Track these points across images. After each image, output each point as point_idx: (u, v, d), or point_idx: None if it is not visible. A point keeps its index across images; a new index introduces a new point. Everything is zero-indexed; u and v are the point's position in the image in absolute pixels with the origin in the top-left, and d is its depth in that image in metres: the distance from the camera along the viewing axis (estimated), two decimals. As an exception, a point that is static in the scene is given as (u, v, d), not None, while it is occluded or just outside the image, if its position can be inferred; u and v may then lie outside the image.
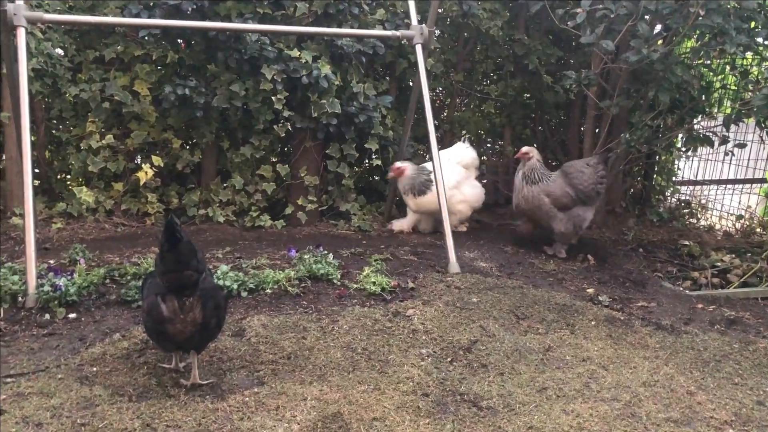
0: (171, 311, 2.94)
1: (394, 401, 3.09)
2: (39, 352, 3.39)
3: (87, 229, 5.56)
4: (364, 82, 6.08)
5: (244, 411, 2.95)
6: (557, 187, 5.40)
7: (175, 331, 2.98)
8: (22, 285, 3.86)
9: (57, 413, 2.85)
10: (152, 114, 5.79)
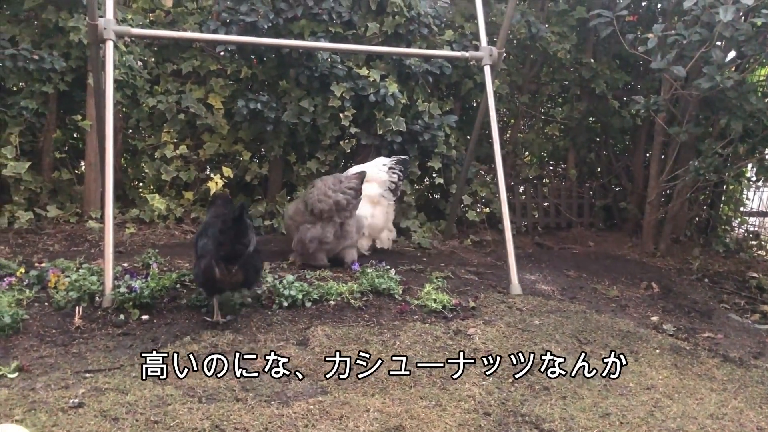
0: (222, 275, 3.77)
1: (456, 418, 3.11)
2: (114, 351, 3.54)
3: (158, 234, 5.77)
4: (430, 101, 6.16)
5: (308, 419, 3.01)
6: None
7: (222, 287, 3.87)
8: (99, 285, 4.04)
9: (132, 409, 2.97)
10: (224, 126, 6.00)
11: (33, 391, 3.06)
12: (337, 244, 5.00)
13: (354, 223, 5.03)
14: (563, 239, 6.89)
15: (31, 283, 4.16)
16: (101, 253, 4.72)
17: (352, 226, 5.01)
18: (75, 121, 5.77)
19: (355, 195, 4.94)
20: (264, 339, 3.75)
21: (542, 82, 7.24)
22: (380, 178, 5.44)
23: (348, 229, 4.99)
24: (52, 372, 3.26)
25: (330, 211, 4.88)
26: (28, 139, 5.79)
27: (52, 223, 5.66)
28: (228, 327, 3.87)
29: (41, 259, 4.74)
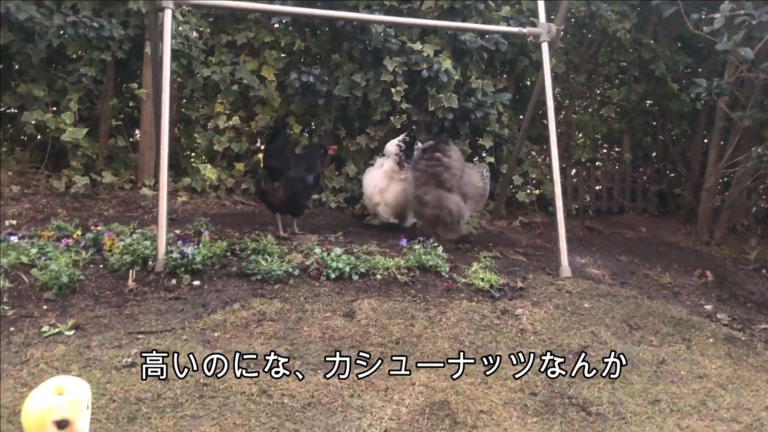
0: (266, 187, 4.89)
1: (502, 397, 3.09)
2: (166, 314, 3.61)
3: (209, 204, 5.85)
4: (484, 78, 6.07)
5: (354, 389, 3.03)
6: None
7: (268, 199, 4.95)
8: (152, 250, 4.12)
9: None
10: (276, 99, 6.02)
11: (88, 349, 3.15)
12: None
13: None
14: (614, 224, 6.74)
15: (87, 246, 4.26)
16: (154, 220, 4.81)
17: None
18: (131, 89, 5.86)
19: (422, 158, 4.96)
20: (311, 309, 3.78)
21: (600, 62, 7.05)
22: (391, 151, 5.41)
23: (418, 194, 5.00)
24: (106, 331, 3.35)
25: None
26: (86, 106, 5.92)
27: (107, 188, 5.79)
28: (276, 295, 3.91)
29: (96, 223, 4.86)
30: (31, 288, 3.70)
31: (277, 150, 4.90)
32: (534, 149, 6.87)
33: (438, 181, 4.92)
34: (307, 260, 4.32)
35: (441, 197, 4.93)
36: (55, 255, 3.95)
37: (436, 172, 4.91)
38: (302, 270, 4.23)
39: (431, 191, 4.94)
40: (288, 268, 4.16)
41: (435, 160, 4.90)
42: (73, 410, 1.79)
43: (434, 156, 4.90)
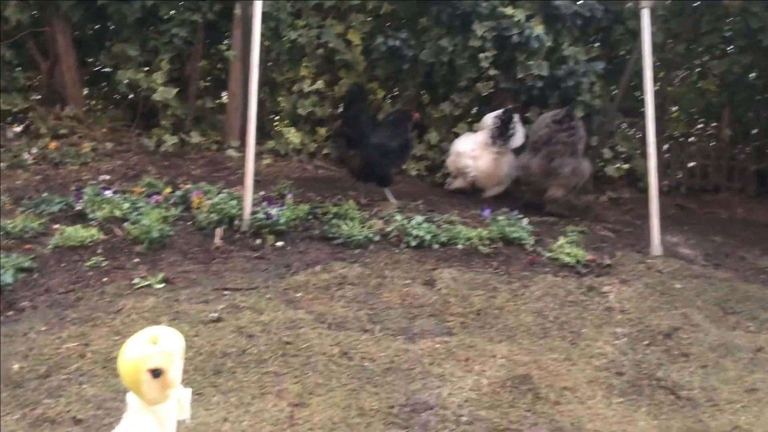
0: (343, 154, 5.06)
1: (586, 374, 2.99)
2: (250, 273, 3.67)
3: (291, 167, 5.91)
4: (576, 45, 5.82)
5: (434, 357, 3.00)
6: None
7: (350, 168, 5.02)
8: (238, 210, 4.18)
9: (266, 329, 3.07)
10: (361, 63, 5.98)
11: (177, 302, 3.23)
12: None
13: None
14: (708, 203, 6.41)
15: (176, 203, 4.38)
16: (239, 180, 4.88)
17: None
18: (220, 50, 5.94)
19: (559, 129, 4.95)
20: (391, 275, 3.76)
21: (702, 32, 6.64)
22: (487, 123, 5.46)
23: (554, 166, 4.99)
24: (193, 286, 3.44)
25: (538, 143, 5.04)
26: (177, 66, 6.05)
27: (195, 148, 5.92)
28: (357, 260, 3.91)
29: (185, 182, 4.98)
30: (124, 241, 3.83)
31: (353, 118, 4.92)
32: (626, 121, 6.58)
33: (573, 150, 4.96)
34: (387, 227, 4.30)
35: (577, 166, 5.02)
36: (146, 211, 4.07)
37: (574, 141, 4.95)
38: (383, 236, 4.21)
39: (568, 161, 4.98)
40: (369, 233, 4.15)
41: (573, 129, 4.92)
42: (166, 360, 1.82)
43: (572, 125, 4.93)
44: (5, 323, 2.97)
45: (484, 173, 5.52)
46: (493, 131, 5.36)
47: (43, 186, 4.65)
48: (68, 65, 5.82)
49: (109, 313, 3.10)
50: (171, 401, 1.93)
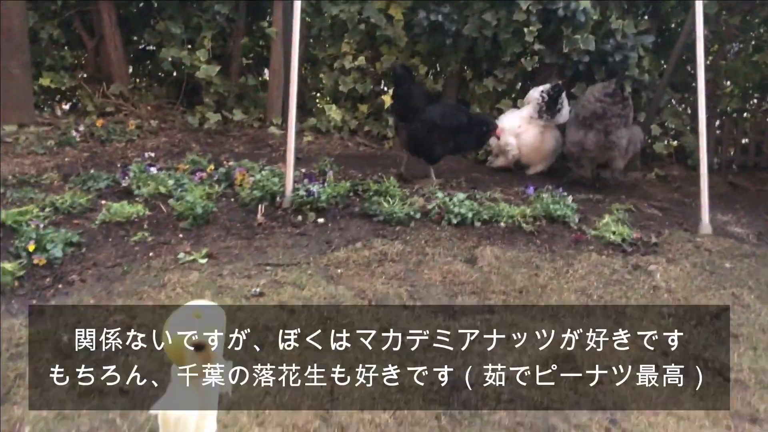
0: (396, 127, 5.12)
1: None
2: (292, 248, 3.70)
3: (333, 144, 5.91)
4: (625, 18, 5.64)
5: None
6: None
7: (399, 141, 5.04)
8: (280, 187, 4.21)
9: (307, 303, 3.10)
10: (403, 38, 5.91)
11: (220, 277, 3.28)
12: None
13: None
14: (762, 181, 6.18)
15: (219, 179, 4.42)
16: (281, 157, 4.91)
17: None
18: (262, 28, 5.95)
19: (613, 102, 4.89)
20: (432, 253, 3.74)
21: (758, 2, 6.36)
22: (533, 97, 5.36)
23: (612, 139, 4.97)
24: (236, 261, 3.47)
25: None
26: (219, 44, 6.08)
27: (237, 125, 5.96)
28: (397, 237, 3.90)
29: (228, 159, 5.03)
30: (168, 217, 3.89)
31: (403, 96, 4.90)
32: (675, 97, 6.37)
33: (626, 122, 4.96)
34: (428, 204, 4.27)
35: (632, 136, 5.05)
36: (190, 187, 4.12)
37: (628, 113, 4.94)
38: (423, 213, 4.19)
39: (623, 133, 4.98)
40: (409, 210, 4.13)
41: (626, 100, 4.89)
42: (209, 333, 1.84)
43: (624, 96, 4.89)
44: (55, 296, 3.05)
45: (528, 149, 5.44)
46: (541, 105, 5.25)
47: (90, 163, 4.74)
48: (114, 44, 5.91)
49: (154, 287, 3.16)
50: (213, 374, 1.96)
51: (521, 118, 5.42)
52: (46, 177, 4.35)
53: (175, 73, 6.09)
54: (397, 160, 5.24)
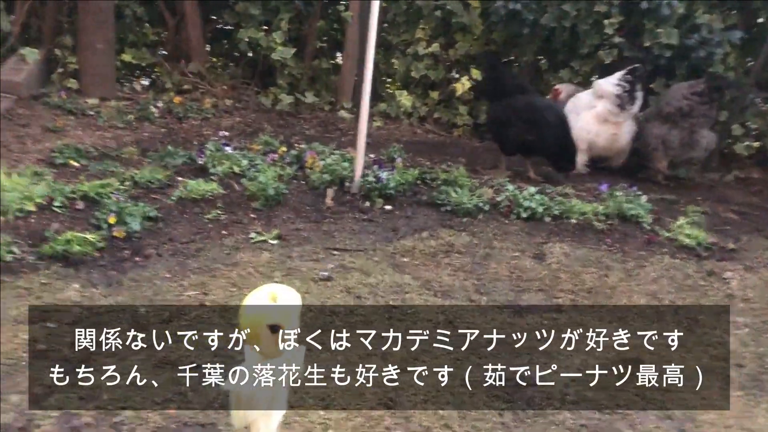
0: None
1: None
2: (359, 234, 3.73)
3: (402, 131, 5.91)
4: (712, 13, 5.42)
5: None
6: None
7: None
8: (349, 172, 4.24)
9: (373, 291, 3.12)
10: (479, 26, 5.84)
11: (289, 259, 3.34)
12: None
13: None
14: None
15: (290, 162, 4.49)
16: (350, 142, 4.94)
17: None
18: (337, 11, 5.97)
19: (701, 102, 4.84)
20: (499, 246, 3.72)
21: None
22: (609, 91, 5.04)
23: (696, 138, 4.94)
24: (305, 244, 3.53)
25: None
26: (295, 26, 6.13)
27: (309, 108, 6.02)
28: (465, 228, 3.88)
29: (299, 141, 5.09)
30: (241, 197, 3.98)
31: (490, 81, 5.00)
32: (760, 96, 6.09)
33: (711, 124, 4.97)
34: (498, 196, 4.23)
35: (710, 139, 5.03)
36: (262, 168, 4.20)
37: (713, 114, 4.98)
38: (492, 206, 4.16)
39: (706, 134, 4.98)
40: (478, 202, 4.10)
41: (714, 101, 4.88)
42: (284, 316, 1.88)
43: (713, 98, 4.86)
44: (133, 268, 3.17)
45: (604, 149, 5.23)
46: (621, 97, 4.97)
47: (167, 139, 4.88)
48: (193, 23, 6.04)
49: (227, 265, 3.24)
50: (287, 356, 2.01)
51: (597, 116, 5.11)
52: (126, 151, 4.50)
53: (251, 53, 6.18)
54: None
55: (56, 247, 3.13)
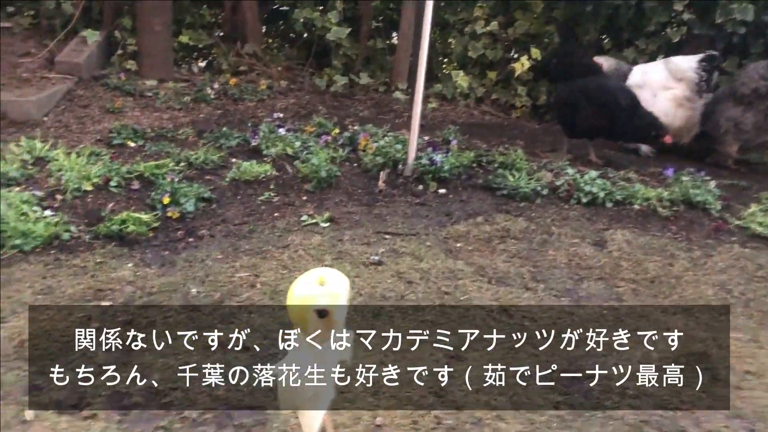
0: None
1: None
2: (411, 218, 3.65)
3: (458, 112, 5.78)
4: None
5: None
6: None
7: None
8: (403, 154, 4.16)
9: (425, 276, 3.05)
10: (539, 4, 5.65)
11: (340, 242, 3.29)
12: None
13: None
14: None
15: (343, 144, 4.44)
16: (405, 123, 4.85)
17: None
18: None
19: None
20: (558, 233, 3.58)
21: None
22: (688, 77, 4.84)
23: None
24: (356, 228, 3.47)
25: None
26: (350, 5, 6.06)
27: (363, 89, 5.96)
28: (521, 213, 3.76)
29: (352, 123, 5.03)
30: (294, 179, 3.95)
31: (559, 55, 4.82)
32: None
33: None
34: (557, 180, 4.09)
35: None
36: (315, 150, 4.16)
37: None
38: (551, 190, 4.02)
39: None
40: (536, 186, 3.97)
41: None
42: (332, 301, 1.83)
43: None
44: (186, 249, 3.17)
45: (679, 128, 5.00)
46: (700, 82, 4.80)
47: (222, 120, 4.90)
48: (249, 4, 6.03)
49: (278, 247, 3.21)
50: (334, 341, 1.96)
51: (673, 102, 4.91)
52: (182, 132, 4.53)
53: (306, 34, 6.15)
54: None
55: (111, 227, 3.17)
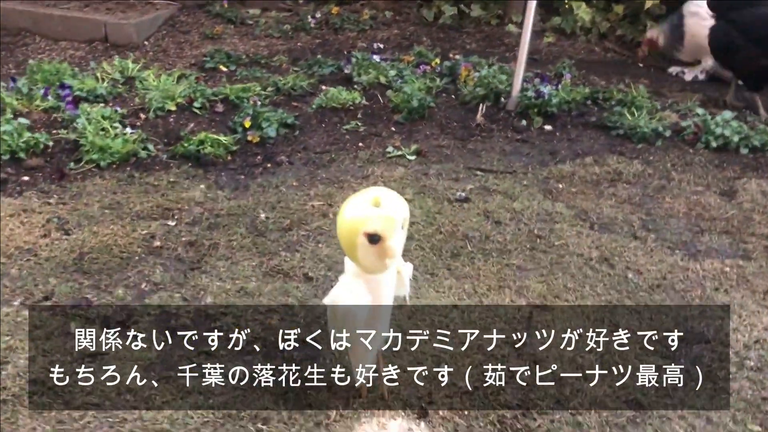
0: None
1: None
2: (509, 155, 3.29)
3: (576, 48, 5.23)
4: None
5: (720, 282, 2.41)
6: None
7: None
8: (507, 86, 3.77)
9: (516, 217, 2.71)
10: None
11: (425, 176, 3.01)
12: None
13: None
14: None
15: (442, 73, 4.10)
16: (515, 57, 4.42)
17: None
18: None
19: None
20: (678, 179, 3.12)
21: None
22: None
23: None
24: (445, 162, 3.17)
25: None
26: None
27: (474, 22, 5.52)
28: (638, 156, 3.31)
29: (456, 54, 4.66)
30: (384, 108, 3.68)
31: None
32: None
33: None
34: (683, 121, 3.57)
35: None
36: (410, 79, 3.86)
37: None
38: (675, 132, 3.52)
39: None
40: (658, 126, 3.49)
41: None
42: (386, 225, 1.56)
43: None
44: (262, 174, 3.00)
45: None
46: None
47: (320, 49, 4.66)
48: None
49: (357, 177, 2.98)
50: (389, 273, 1.70)
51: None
52: (276, 59, 4.35)
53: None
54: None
55: (189, 147, 3.04)
